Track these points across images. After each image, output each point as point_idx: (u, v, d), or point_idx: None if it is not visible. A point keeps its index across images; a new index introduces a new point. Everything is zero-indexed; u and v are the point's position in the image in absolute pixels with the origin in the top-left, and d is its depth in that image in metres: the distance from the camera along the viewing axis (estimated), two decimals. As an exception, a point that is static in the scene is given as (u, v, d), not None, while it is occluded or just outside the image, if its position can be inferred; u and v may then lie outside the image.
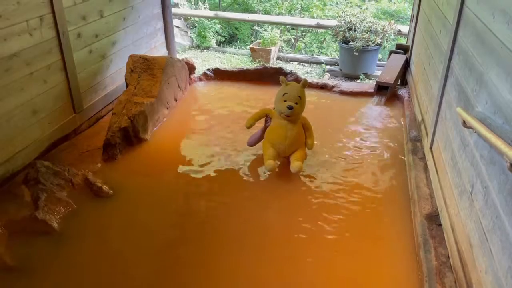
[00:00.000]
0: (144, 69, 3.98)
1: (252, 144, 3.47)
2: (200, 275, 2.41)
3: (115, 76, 4.32)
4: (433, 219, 2.57)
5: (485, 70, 2.06)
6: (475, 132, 1.86)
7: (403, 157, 3.48)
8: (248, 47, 7.43)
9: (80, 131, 3.80)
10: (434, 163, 2.91)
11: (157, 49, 5.22)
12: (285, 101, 3.16)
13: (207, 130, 3.99)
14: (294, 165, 3.16)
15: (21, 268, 2.41)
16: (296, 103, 3.16)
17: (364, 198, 3.03)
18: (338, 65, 6.54)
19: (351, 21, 6.13)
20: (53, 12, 3.31)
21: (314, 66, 6.86)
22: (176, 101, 4.40)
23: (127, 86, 3.91)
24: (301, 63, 7.00)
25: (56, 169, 3.05)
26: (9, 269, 2.40)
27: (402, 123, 4.05)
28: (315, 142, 3.43)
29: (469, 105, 2.24)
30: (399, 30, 6.19)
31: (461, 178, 2.27)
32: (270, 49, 6.87)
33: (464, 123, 1.97)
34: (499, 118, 1.78)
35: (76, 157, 3.40)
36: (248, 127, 3.39)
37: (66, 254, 2.54)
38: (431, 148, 3.08)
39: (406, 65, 4.82)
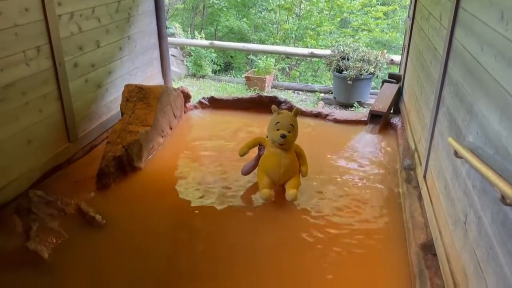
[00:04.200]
0: (139, 98, 4.01)
1: (246, 173, 3.48)
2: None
3: (110, 105, 4.34)
4: (428, 248, 2.55)
5: (475, 101, 2.10)
6: (466, 162, 1.88)
7: (397, 186, 3.48)
8: (243, 76, 7.53)
9: (74, 160, 3.79)
10: (428, 192, 2.91)
11: (153, 78, 5.27)
12: (278, 130, 3.19)
13: (201, 158, 3.99)
14: (290, 193, 3.15)
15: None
16: (289, 132, 3.19)
17: (359, 227, 3.01)
18: (332, 93, 6.63)
19: (344, 50, 6.25)
20: (50, 42, 3.35)
21: (308, 94, 6.94)
22: (171, 129, 4.42)
23: (122, 115, 3.93)
24: (296, 91, 7.09)
25: (48, 199, 3.03)
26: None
27: (396, 151, 4.07)
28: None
29: (460, 135, 2.27)
30: (392, 60, 6.32)
31: (454, 207, 2.27)
32: (265, 78, 6.96)
33: (456, 153, 1.99)
34: (490, 148, 1.80)
35: (69, 187, 3.38)
36: (241, 155, 3.40)
37: (56, 286, 2.48)
38: (424, 177, 3.09)
39: (399, 94, 4.89)
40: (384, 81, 5.15)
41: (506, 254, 1.55)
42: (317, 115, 4.91)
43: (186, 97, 4.98)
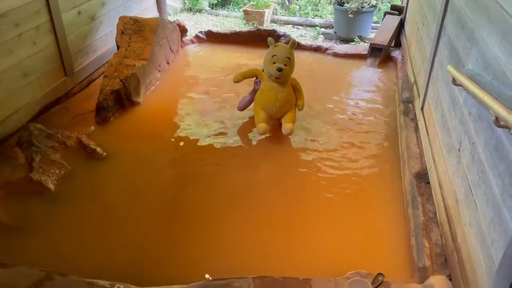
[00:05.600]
0: (135, 31, 3.92)
1: (242, 108, 3.47)
2: (190, 233, 2.46)
3: (106, 39, 4.25)
4: (422, 177, 2.62)
5: (476, 27, 2.06)
6: (464, 89, 1.88)
7: (395, 118, 3.51)
8: (241, 10, 7.29)
9: (72, 95, 3.78)
10: (425, 123, 2.94)
11: (148, 11, 5.11)
12: (274, 63, 3.14)
13: (199, 93, 3.97)
14: (286, 127, 3.17)
15: (18, 227, 2.45)
16: (285, 65, 3.14)
17: (355, 158, 3.07)
18: (333, 28, 6.46)
19: (346, -19, 5.99)
20: (40, -30, 3.22)
21: (308, 29, 6.76)
22: (168, 64, 4.36)
23: (118, 49, 3.86)
24: (295, 26, 6.90)
25: (49, 132, 3.06)
26: (6, 228, 2.44)
27: (395, 84, 4.05)
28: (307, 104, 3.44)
29: (460, 64, 2.25)
30: (395, -9, 6.09)
31: (450, 136, 2.30)
32: (264, 12, 6.74)
33: (454, 80, 1.99)
34: (488, 74, 1.80)
35: (68, 120, 3.39)
36: (235, 82, 3.37)
37: (62, 213, 2.59)
38: (422, 109, 3.10)
39: (401, 26, 4.77)
40: (386, 13, 5.01)
41: (496, 176, 1.60)
42: (317, 49, 4.83)
43: (182, 31, 4.87)
